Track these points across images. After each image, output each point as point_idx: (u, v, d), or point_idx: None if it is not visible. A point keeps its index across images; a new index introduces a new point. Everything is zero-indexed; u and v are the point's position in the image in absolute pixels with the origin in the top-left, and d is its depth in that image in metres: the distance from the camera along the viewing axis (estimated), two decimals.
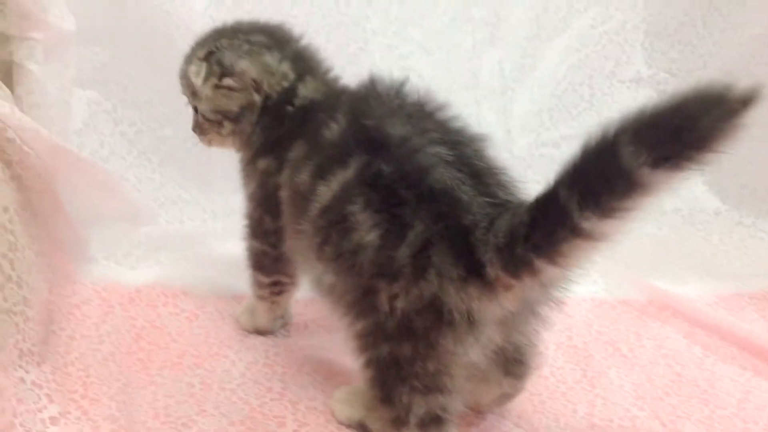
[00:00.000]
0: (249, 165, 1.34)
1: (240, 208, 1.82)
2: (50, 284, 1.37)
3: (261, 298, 1.41)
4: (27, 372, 1.18)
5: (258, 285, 1.40)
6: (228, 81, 1.28)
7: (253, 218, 1.35)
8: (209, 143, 1.39)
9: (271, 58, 1.29)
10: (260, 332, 1.44)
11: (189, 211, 1.80)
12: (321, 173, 1.12)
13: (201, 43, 1.34)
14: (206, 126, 1.35)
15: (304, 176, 1.16)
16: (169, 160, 1.79)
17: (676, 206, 2.01)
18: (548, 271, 0.95)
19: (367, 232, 1.05)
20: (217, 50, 1.29)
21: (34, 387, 1.18)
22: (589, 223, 0.88)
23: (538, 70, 2.08)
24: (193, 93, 1.34)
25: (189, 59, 1.34)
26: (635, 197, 0.86)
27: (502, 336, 1.07)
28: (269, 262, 1.36)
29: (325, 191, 1.10)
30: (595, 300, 1.63)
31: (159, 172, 1.78)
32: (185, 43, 1.70)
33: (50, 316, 1.34)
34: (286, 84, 1.29)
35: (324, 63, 1.35)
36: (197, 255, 1.68)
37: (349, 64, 1.94)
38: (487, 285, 0.99)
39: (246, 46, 1.29)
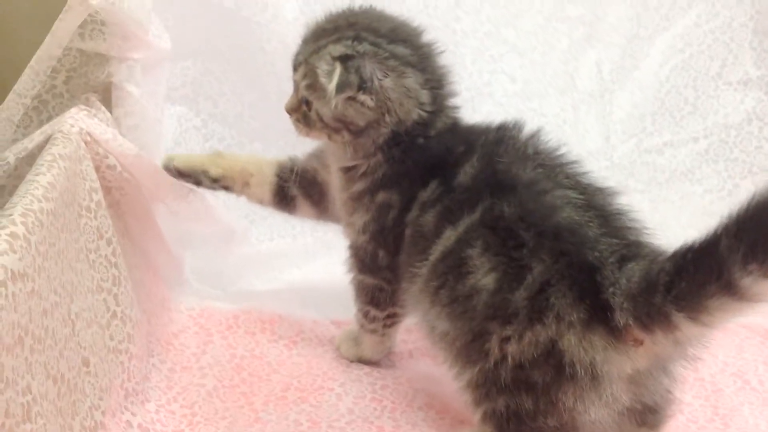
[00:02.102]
0: (363, 196, 1.24)
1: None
2: (149, 314, 1.32)
3: (372, 331, 1.34)
4: (133, 414, 1.14)
5: (370, 319, 1.33)
6: (365, 98, 1.15)
7: (366, 251, 1.26)
8: (306, 135, 1.26)
9: (413, 81, 1.17)
10: (363, 362, 1.38)
11: (279, 228, 1.75)
12: (450, 217, 1.08)
13: (333, 31, 1.20)
14: (317, 125, 1.22)
15: (429, 217, 1.11)
16: None
17: None
18: (686, 328, 0.88)
19: (483, 275, 1.00)
20: (357, 56, 1.14)
21: (141, 431, 1.13)
22: (749, 280, 0.81)
23: (639, 71, 1.97)
24: (314, 88, 1.19)
25: (317, 48, 1.19)
26: None
27: (630, 395, 0.99)
28: (384, 297, 1.28)
29: (451, 236, 1.06)
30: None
31: None
32: (277, 55, 1.67)
33: (150, 348, 1.29)
34: (423, 114, 1.19)
35: (452, 86, 1.25)
36: (290, 276, 1.64)
37: None
38: (614, 333, 0.92)
39: (391, 62, 1.15)
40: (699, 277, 0.84)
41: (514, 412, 1.00)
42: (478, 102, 1.86)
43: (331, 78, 1.14)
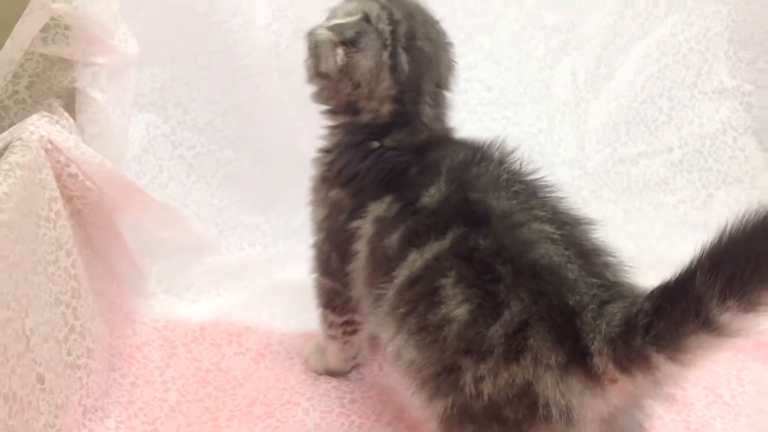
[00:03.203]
0: (321, 187, 1.24)
1: (300, 231, 1.77)
2: (111, 326, 1.29)
3: (332, 337, 1.33)
4: (91, 431, 1.10)
5: (329, 324, 1.31)
6: (339, 52, 1.17)
7: (322, 251, 1.26)
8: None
9: (386, 85, 1.18)
10: (332, 374, 1.35)
11: (249, 237, 1.72)
12: (414, 240, 1.04)
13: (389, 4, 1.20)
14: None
15: (393, 239, 1.07)
16: (228, 184, 1.70)
17: None
18: (666, 368, 0.85)
19: (456, 306, 0.96)
20: (372, 25, 1.17)
21: None
22: (728, 315, 0.78)
23: (614, 80, 1.94)
24: (333, 14, 1.22)
25: None
26: None
27: None
28: (341, 301, 1.26)
29: (417, 260, 1.03)
30: None
31: (218, 196, 1.69)
32: (249, 60, 1.64)
33: (111, 362, 1.26)
34: (379, 119, 1.20)
35: (438, 120, 1.24)
36: (260, 287, 1.61)
37: None
38: (592, 378, 0.89)
39: (385, 57, 1.17)
40: (677, 316, 0.82)
41: None
42: (452, 110, 1.84)
43: (345, 16, 1.19)
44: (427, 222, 1.04)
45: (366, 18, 1.17)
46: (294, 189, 1.75)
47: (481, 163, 1.10)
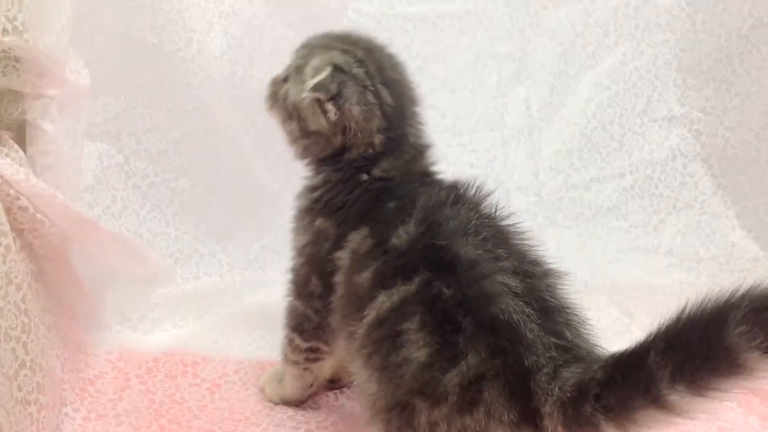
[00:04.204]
0: (305, 216, 1.25)
1: (258, 259, 1.77)
2: (63, 359, 1.27)
3: (293, 362, 1.31)
4: None
5: (292, 348, 1.30)
6: (331, 108, 1.18)
7: (300, 275, 1.26)
8: (269, 109, 1.30)
9: (379, 124, 1.20)
10: (287, 403, 1.35)
11: (205, 266, 1.71)
12: (383, 282, 1.05)
13: (348, 44, 1.23)
14: (280, 103, 1.26)
15: (363, 278, 1.08)
16: (183, 213, 1.70)
17: (713, 253, 1.92)
18: None
19: (416, 349, 0.98)
20: (349, 74, 1.19)
21: None
22: (677, 397, 0.80)
23: (566, 108, 1.98)
24: (299, 71, 1.23)
25: (329, 48, 1.23)
26: (736, 380, 0.78)
27: None
28: (310, 327, 1.26)
29: (384, 302, 1.03)
30: None
31: (174, 225, 1.69)
32: (202, 90, 1.64)
33: (63, 396, 1.25)
34: (371, 151, 1.21)
35: (422, 145, 1.27)
36: (216, 316, 1.60)
37: None
38: None
39: (370, 98, 1.19)
40: (627, 390, 0.84)
41: None
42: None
43: (316, 74, 1.19)
44: (396, 264, 1.05)
45: (338, 68, 1.18)
46: (250, 217, 1.76)
47: (454, 205, 1.10)
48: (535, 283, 1.01)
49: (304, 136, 1.24)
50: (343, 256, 1.15)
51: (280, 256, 1.73)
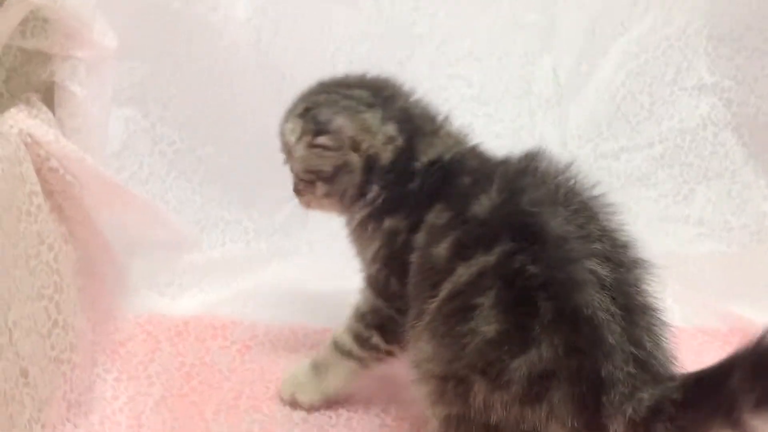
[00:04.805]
0: (368, 224, 1.19)
1: (283, 227, 1.76)
2: (93, 322, 1.27)
3: (359, 359, 1.22)
4: (76, 426, 1.10)
5: (362, 343, 1.21)
6: (322, 139, 1.17)
7: (378, 280, 1.19)
8: (307, 205, 1.28)
9: (371, 117, 1.17)
10: (315, 404, 1.25)
11: (231, 233, 1.70)
12: (463, 252, 0.99)
13: (302, 99, 1.24)
14: (302, 186, 1.24)
15: (441, 250, 1.03)
16: (209, 180, 1.69)
17: (744, 222, 1.89)
18: None
19: (486, 324, 0.93)
20: (313, 106, 1.19)
21: None
22: (760, 422, 0.78)
23: (594, 76, 1.95)
24: (288, 152, 1.23)
25: (287, 116, 1.23)
26: None
27: None
28: (393, 328, 1.17)
29: (463, 274, 0.98)
30: (674, 329, 1.51)
31: (199, 192, 1.68)
32: (229, 55, 1.63)
33: (94, 357, 1.25)
34: (397, 145, 1.17)
35: (438, 118, 1.24)
36: (243, 282, 1.60)
37: (395, 72, 1.86)
38: None
39: (344, 102, 1.18)
40: (705, 412, 0.82)
41: None
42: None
43: (293, 133, 1.20)
44: (476, 232, 1.00)
45: (305, 110, 1.20)
46: (276, 185, 1.74)
47: (534, 174, 1.05)
48: (625, 275, 0.96)
49: (331, 181, 1.20)
50: (419, 237, 1.10)
51: (306, 224, 1.74)
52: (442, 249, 1.02)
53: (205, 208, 1.68)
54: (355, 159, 1.18)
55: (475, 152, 1.20)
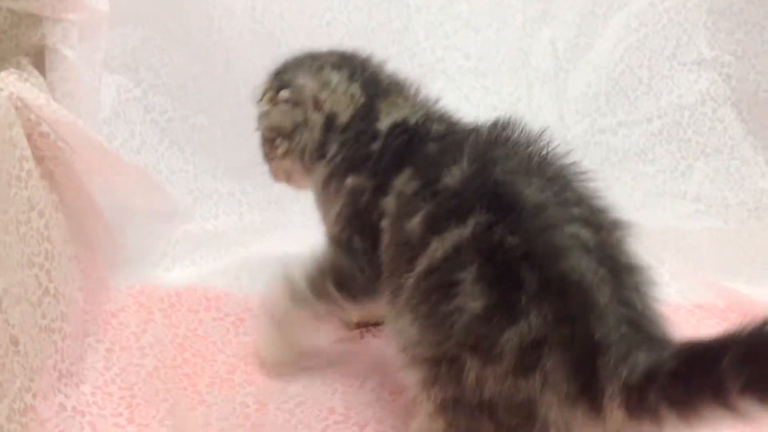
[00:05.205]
0: (330, 183, 1.18)
1: (278, 200, 1.73)
2: (84, 291, 1.24)
3: (313, 310, 1.19)
4: (67, 396, 1.07)
5: (321, 294, 1.18)
6: (284, 93, 1.20)
7: (341, 239, 1.17)
8: (276, 175, 1.31)
9: (335, 76, 1.20)
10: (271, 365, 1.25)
11: (224, 205, 1.68)
12: (434, 225, 0.97)
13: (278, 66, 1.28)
14: (266, 149, 1.27)
15: (414, 224, 1.00)
16: (202, 150, 1.67)
17: (742, 199, 1.88)
18: (673, 423, 0.82)
19: (471, 300, 0.90)
20: (282, 69, 1.25)
21: (75, 413, 1.07)
22: (745, 405, 0.76)
23: (593, 50, 1.93)
24: (258, 117, 1.27)
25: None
26: None
27: None
28: (355, 286, 1.16)
29: (437, 248, 0.95)
30: (671, 304, 1.49)
31: (192, 163, 1.65)
32: (223, 22, 1.60)
33: (86, 327, 1.22)
34: (358, 103, 1.18)
35: (407, 85, 1.23)
36: (236, 255, 1.57)
37: (391, 43, 1.84)
38: (599, 414, 0.86)
39: (311, 64, 1.22)
40: (696, 387, 0.80)
41: (475, 429, 0.94)
42: (430, 78, 1.80)
43: (259, 90, 1.26)
44: (448, 205, 0.97)
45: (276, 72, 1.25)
46: None
47: (505, 144, 1.02)
48: (606, 237, 0.93)
49: (290, 138, 1.22)
50: (389, 202, 1.08)
51: (300, 197, 1.71)
52: (414, 223, 1.00)
53: (198, 179, 1.66)
54: (316, 116, 1.20)
55: (442, 117, 1.19)
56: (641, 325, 0.89)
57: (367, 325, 1.36)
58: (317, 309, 1.19)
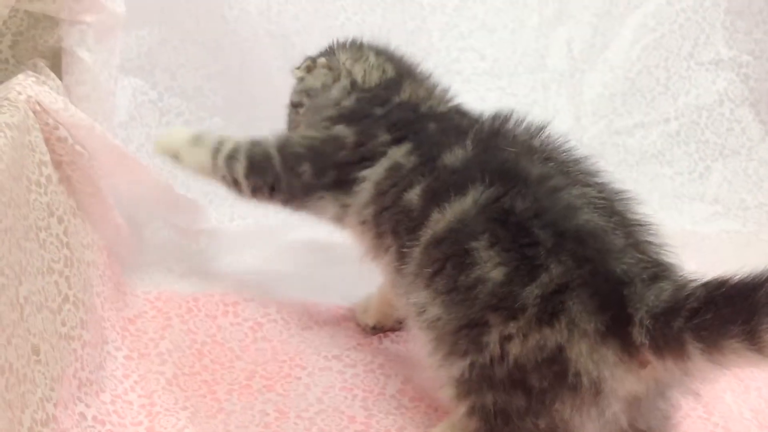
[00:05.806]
0: (322, 119, 1.25)
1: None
2: (102, 298, 1.23)
3: (213, 165, 1.29)
4: (87, 406, 1.06)
5: (228, 163, 1.27)
6: (322, 60, 1.28)
7: (288, 155, 1.22)
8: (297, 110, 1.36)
9: (373, 56, 1.28)
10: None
11: (240, 208, 1.66)
12: (435, 198, 1.02)
13: None
14: (291, 117, 1.34)
15: (413, 196, 1.06)
16: None
17: (760, 201, 1.86)
18: (698, 360, 0.82)
19: (492, 268, 0.92)
20: (326, 48, 1.33)
21: (96, 423, 1.05)
22: None
23: (609, 50, 1.92)
24: (293, 87, 1.35)
25: None
26: None
27: (627, 417, 0.92)
28: (262, 177, 1.24)
29: (439, 219, 1.00)
30: None
31: None
32: (238, 24, 1.58)
33: (104, 334, 1.21)
34: (387, 75, 1.26)
35: (432, 79, 1.30)
36: (251, 258, 1.55)
37: (406, 44, 1.81)
38: (628, 351, 0.86)
39: (351, 44, 1.31)
40: (725, 314, 0.79)
41: (502, 410, 0.93)
42: (446, 79, 1.78)
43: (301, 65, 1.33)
44: (449, 180, 1.02)
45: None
46: None
47: (509, 131, 1.08)
48: (613, 198, 0.97)
49: (315, 96, 1.28)
50: (376, 172, 1.14)
51: None
52: (414, 195, 1.06)
53: (213, 183, 1.64)
54: (345, 81, 1.26)
55: (454, 110, 1.24)
56: (661, 265, 0.90)
57: (385, 330, 1.35)
58: (216, 170, 1.28)
